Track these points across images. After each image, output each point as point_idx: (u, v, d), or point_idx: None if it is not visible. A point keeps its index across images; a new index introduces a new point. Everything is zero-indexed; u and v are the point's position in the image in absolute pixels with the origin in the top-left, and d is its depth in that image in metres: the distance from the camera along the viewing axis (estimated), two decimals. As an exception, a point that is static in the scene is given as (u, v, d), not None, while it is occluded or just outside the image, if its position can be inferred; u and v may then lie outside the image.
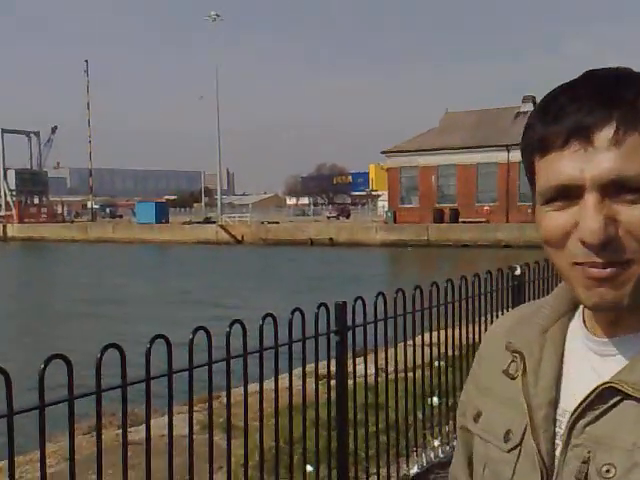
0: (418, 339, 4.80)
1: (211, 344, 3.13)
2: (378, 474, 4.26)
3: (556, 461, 0.91)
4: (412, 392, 4.68)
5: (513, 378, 0.98)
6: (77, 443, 4.98)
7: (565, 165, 0.83)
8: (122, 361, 2.74)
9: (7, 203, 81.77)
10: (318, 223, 57.09)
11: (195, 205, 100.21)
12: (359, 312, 4.11)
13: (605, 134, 0.81)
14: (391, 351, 4.66)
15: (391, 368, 4.59)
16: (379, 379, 5.16)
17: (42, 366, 2.42)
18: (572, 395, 0.92)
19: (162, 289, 26.16)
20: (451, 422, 5.14)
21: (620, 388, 0.85)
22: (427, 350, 4.90)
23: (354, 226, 51.71)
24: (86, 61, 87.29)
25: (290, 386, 3.63)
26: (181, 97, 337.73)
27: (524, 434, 0.94)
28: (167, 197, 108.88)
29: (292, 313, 3.60)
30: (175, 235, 57.42)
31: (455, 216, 47.15)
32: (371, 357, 5.01)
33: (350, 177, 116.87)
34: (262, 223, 56.75)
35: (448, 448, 4.95)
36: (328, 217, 71.62)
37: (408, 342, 4.65)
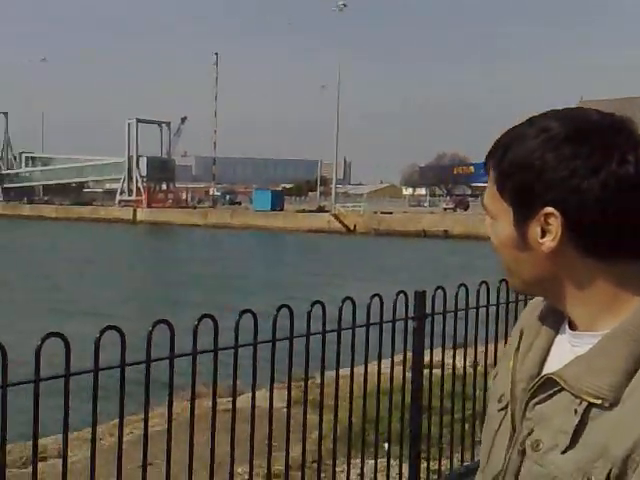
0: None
1: (292, 324, 3.42)
2: (451, 459, 4.41)
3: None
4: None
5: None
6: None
7: None
8: (215, 331, 3.07)
9: (138, 189, 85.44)
10: (433, 215, 56.62)
11: (310, 194, 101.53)
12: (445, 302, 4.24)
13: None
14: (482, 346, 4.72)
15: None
16: (467, 370, 5.26)
17: (98, 335, 2.76)
18: None
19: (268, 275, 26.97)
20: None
21: (557, 380, 1.06)
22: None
23: (470, 218, 50.50)
24: (216, 54, 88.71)
25: (365, 370, 3.85)
26: (303, 87, 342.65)
27: (510, 400, 1.16)
28: (284, 185, 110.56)
29: (371, 298, 3.82)
30: (288, 223, 58.50)
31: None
32: (460, 350, 5.09)
33: (472, 167, 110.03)
34: (375, 213, 56.87)
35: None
36: (444, 209, 70.77)
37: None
